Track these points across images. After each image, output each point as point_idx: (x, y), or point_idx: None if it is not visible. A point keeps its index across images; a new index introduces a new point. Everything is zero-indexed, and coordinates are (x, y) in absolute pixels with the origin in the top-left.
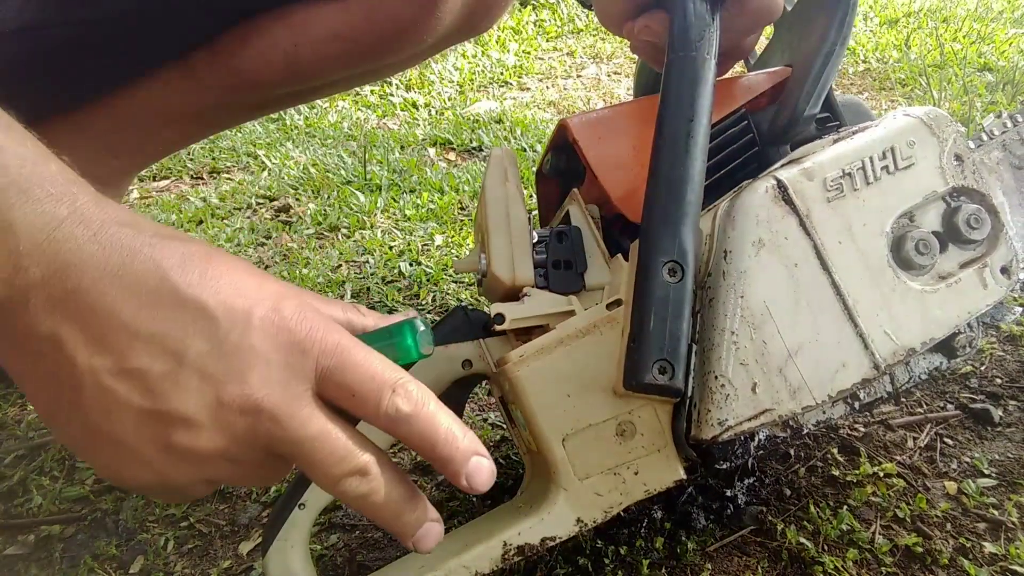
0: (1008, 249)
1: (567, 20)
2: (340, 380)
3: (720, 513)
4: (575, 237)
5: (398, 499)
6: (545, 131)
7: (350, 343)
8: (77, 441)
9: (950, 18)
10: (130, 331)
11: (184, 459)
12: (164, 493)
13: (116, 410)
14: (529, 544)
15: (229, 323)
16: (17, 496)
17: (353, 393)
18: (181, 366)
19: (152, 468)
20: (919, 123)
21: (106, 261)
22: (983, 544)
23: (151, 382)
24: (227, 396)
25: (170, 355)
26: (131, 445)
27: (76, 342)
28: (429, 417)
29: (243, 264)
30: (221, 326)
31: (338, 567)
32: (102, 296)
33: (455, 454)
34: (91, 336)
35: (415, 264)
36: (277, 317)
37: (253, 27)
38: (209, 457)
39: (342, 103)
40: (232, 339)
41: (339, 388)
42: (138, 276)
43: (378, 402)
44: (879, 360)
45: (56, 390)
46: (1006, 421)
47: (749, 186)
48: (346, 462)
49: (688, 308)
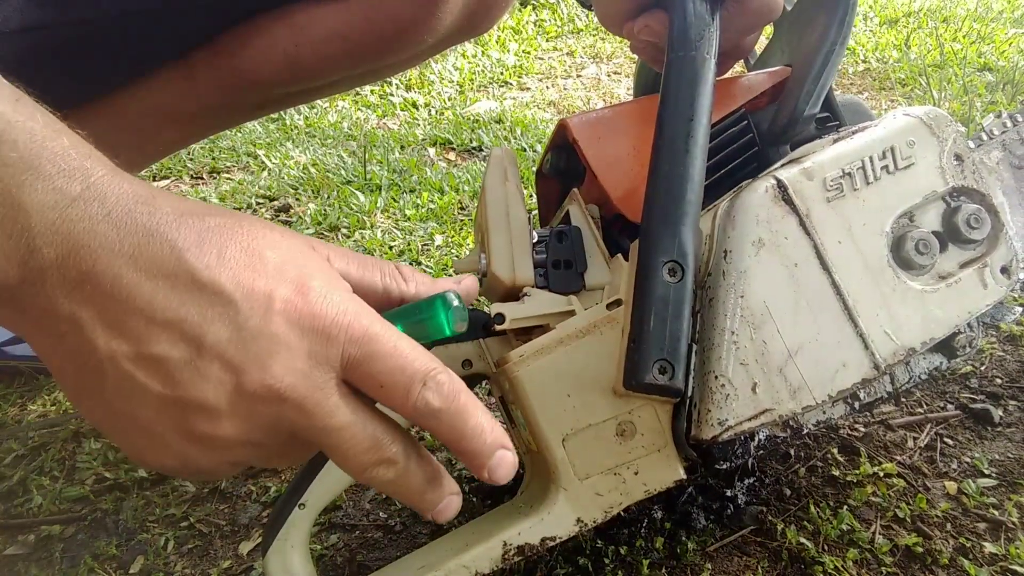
0: (1008, 249)
1: (567, 20)
2: (368, 370)
3: (720, 513)
4: (575, 237)
5: (422, 480)
6: (545, 131)
7: (380, 330)
8: (102, 421)
9: (950, 18)
10: (147, 316)
11: (206, 445)
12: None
13: (137, 395)
14: (529, 544)
15: (248, 307)
16: (17, 496)
17: (381, 384)
18: (200, 353)
19: (174, 452)
20: (919, 123)
21: (121, 243)
22: (983, 544)
23: (170, 369)
24: (248, 385)
25: (188, 342)
26: (153, 430)
27: (95, 325)
28: (458, 412)
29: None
30: (241, 311)
31: (338, 567)
32: (118, 279)
33: (482, 448)
34: (109, 320)
35: (415, 264)
36: (300, 300)
37: (253, 27)
38: (232, 443)
39: (342, 103)
40: (252, 325)
41: (366, 378)
42: (154, 258)
43: (407, 395)
44: (879, 360)
45: (79, 372)
46: (1006, 421)
47: (749, 186)
48: (373, 452)
49: (688, 308)
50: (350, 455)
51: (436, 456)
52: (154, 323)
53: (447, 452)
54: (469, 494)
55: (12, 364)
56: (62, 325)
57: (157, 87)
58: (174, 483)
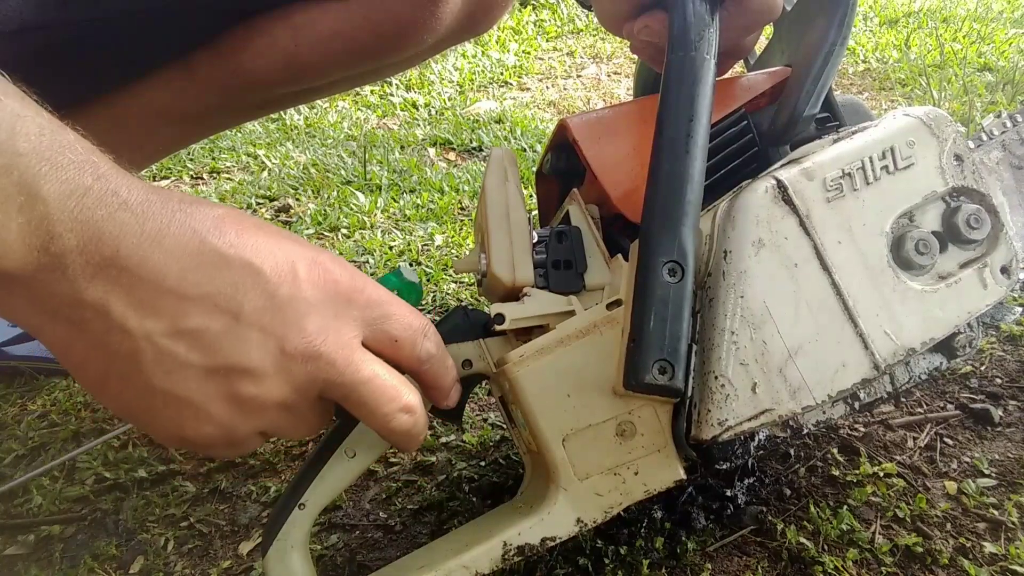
0: (1008, 249)
1: (567, 20)
2: (384, 327)
3: (720, 513)
4: (575, 237)
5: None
6: (545, 131)
7: (387, 295)
8: (132, 408)
9: (950, 18)
10: (179, 294)
11: (249, 410)
12: (224, 448)
13: (178, 370)
14: (529, 544)
15: (277, 277)
16: (17, 496)
17: (396, 339)
18: (239, 322)
19: (216, 422)
20: (919, 123)
21: (142, 228)
22: (983, 544)
23: (210, 340)
24: (290, 345)
25: (225, 313)
26: (196, 402)
27: (124, 308)
28: (443, 356)
29: (269, 226)
30: (270, 280)
31: (338, 567)
32: (145, 261)
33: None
34: (139, 301)
35: (415, 264)
36: (320, 270)
37: (253, 27)
38: (271, 406)
39: (342, 103)
40: (284, 292)
41: (383, 335)
42: (177, 240)
43: (414, 346)
44: (879, 360)
45: (106, 359)
46: (1006, 421)
47: (749, 186)
48: (396, 401)
49: (688, 308)
50: (375, 405)
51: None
52: (187, 299)
53: (447, 452)
54: (469, 494)
55: (12, 364)
56: (86, 312)
57: (157, 87)
58: (174, 483)
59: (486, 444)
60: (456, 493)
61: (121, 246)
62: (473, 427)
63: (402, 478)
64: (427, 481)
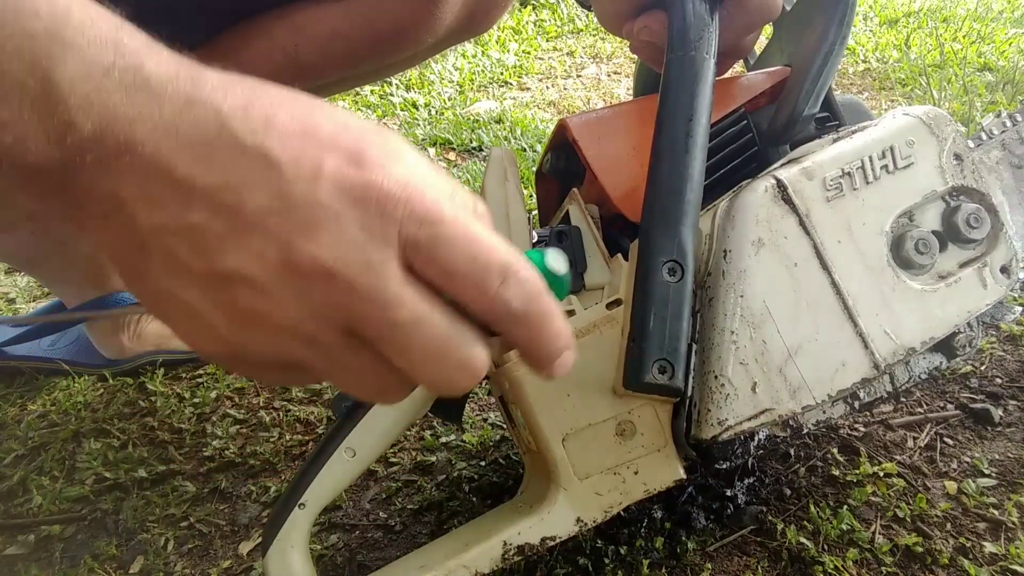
0: (1008, 248)
1: (567, 20)
2: (432, 255)
3: (720, 513)
4: (575, 237)
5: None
6: (545, 131)
7: (449, 210)
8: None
9: (950, 18)
10: (186, 185)
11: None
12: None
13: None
14: (529, 544)
15: (294, 172)
16: (17, 496)
17: (449, 274)
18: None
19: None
20: (918, 122)
21: (161, 110)
22: (983, 544)
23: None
24: (293, 256)
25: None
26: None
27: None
28: (540, 315)
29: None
30: (285, 175)
31: (338, 567)
32: (156, 149)
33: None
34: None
35: None
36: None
37: (253, 27)
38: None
39: (342, 103)
40: (297, 191)
41: (431, 264)
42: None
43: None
44: (879, 359)
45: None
46: (1006, 421)
47: (749, 186)
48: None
49: (688, 308)
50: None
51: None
52: (193, 192)
53: (447, 452)
54: (469, 494)
55: (12, 364)
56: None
57: None
58: (174, 483)
59: (486, 444)
60: (456, 493)
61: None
62: (473, 427)
63: (402, 478)
64: (427, 481)
